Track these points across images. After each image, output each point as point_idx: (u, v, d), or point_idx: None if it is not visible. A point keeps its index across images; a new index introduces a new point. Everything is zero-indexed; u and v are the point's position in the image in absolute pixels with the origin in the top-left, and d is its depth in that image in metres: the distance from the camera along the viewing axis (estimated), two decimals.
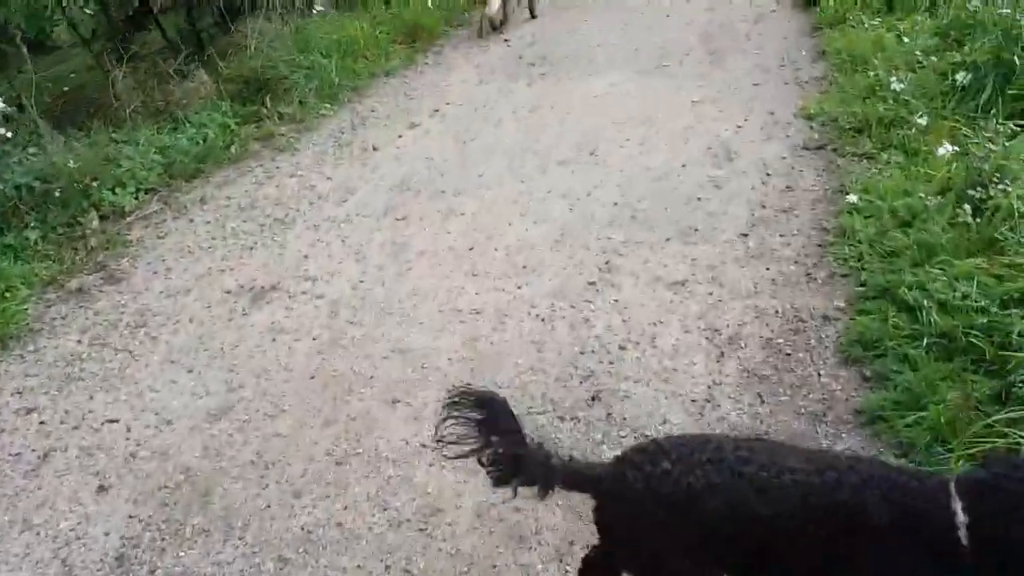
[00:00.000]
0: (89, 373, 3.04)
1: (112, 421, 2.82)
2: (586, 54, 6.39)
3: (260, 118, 5.52)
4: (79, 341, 3.26)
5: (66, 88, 7.45)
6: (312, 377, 2.96)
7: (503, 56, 6.62)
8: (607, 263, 3.55)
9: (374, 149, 5.01)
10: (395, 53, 6.68)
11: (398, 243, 3.87)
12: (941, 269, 2.95)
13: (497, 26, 7.51)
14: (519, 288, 3.42)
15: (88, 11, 6.18)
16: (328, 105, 5.67)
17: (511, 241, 3.79)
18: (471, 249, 3.75)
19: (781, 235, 3.64)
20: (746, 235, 3.67)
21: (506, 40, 7.03)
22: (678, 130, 4.81)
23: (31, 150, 4.48)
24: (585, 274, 3.48)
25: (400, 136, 5.18)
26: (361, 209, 4.24)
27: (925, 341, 2.68)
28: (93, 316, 3.40)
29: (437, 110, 5.56)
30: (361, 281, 3.56)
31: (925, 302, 2.81)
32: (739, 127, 4.76)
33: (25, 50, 5.95)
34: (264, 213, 4.24)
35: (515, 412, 1.62)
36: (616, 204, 4.04)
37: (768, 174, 4.18)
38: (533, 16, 7.71)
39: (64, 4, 6.03)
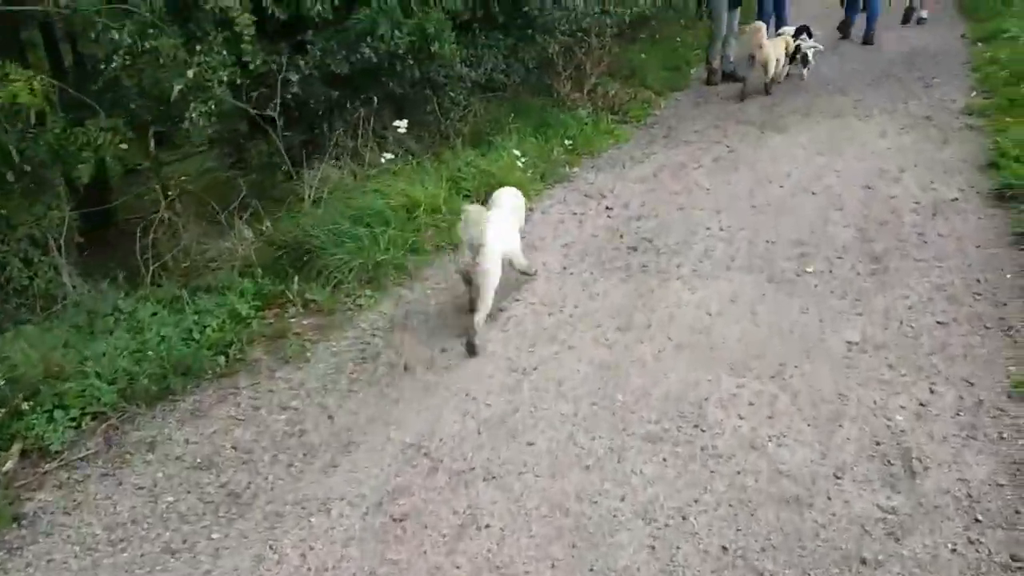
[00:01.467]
0: None
1: None
2: (702, 241, 5.01)
3: (283, 303, 4.48)
4: None
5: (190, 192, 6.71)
6: None
7: (599, 231, 5.36)
8: None
9: (405, 370, 3.79)
10: None
11: None
12: None
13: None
14: None
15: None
16: (368, 292, 4.55)
17: None
18: None
19: None
20: None
21: (608, 208, 5.79)
22: (827, 398, 3.31)
23: None
24: None
25: (444, 350, 3.95)
26: (350, 489, 2.97)
27: None
28: None
29: (501, 310, 4.32)
30: None
31: None
32: (922, 406, 3.20)
33: (62, 188, 5.23)
34: (219, 481, 3.04)
35: None
36: (725, 549, 2.56)
37: (978, 519, 2.60)
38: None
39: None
